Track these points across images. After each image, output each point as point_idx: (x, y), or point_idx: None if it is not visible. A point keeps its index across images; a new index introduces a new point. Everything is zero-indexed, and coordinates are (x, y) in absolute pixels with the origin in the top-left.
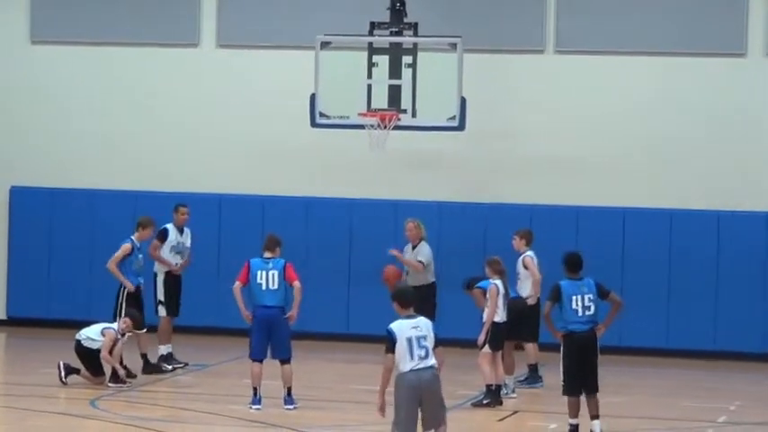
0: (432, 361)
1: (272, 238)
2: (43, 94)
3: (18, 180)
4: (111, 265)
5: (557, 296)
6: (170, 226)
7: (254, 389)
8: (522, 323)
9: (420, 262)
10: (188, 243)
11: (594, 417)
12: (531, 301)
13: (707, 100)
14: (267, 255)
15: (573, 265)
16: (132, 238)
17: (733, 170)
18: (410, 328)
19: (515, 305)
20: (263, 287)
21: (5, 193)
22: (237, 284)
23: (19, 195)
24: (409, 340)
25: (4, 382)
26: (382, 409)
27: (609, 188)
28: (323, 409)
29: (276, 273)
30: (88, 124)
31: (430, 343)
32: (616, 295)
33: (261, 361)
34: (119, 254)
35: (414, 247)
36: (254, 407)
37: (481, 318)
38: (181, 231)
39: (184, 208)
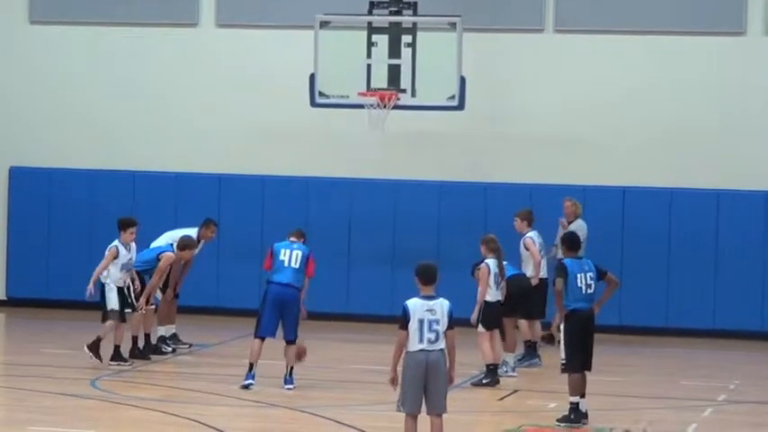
0: (441, 344)
1: (298, 230)
2: (42, 75)
3: (17, 160)
4: (156, 278)
5: (565, 274)
6: (193, 235)
7: (251, 365)
8: (524, 300)
9: None
10: None
11: (582, 395)
12: (533, 282)
13: (706, 78)
14: (293, 239)
15: (573, 244)
16: (175, 251)
17: (732, 149)
18: (424, 310)
19: (517, 282)
20: (285, 263)
21: (4, 173)
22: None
23: (18, 176)
24: (421, 322)
25: (4, 363)
26: (393, 381)
27: (609, 167)
28: (322, 389)
29: (300, 253)
30: (87, 104)
31: (442, 327)
32: (612, 275)
33: (264, 339)
34: (162, 265)
35: (569, 223)
36: (246, 382)
37: (475, 297)
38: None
39: (215, 226)
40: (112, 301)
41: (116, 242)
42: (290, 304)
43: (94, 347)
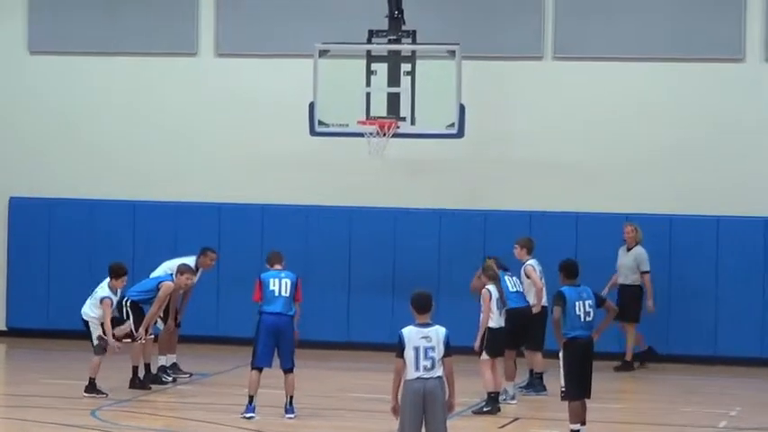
0: (438, 372)
1: (276, 254)
2: (42, 105)
3: (17, 190)
4: (155, 307)
5: (563, 302)
6: (192, 264)
7: (251, 397)
8: (526, 331)
9: (646, 272)
10: None
11: (583, 422)
12: (535, 310)
13: (705, 105)
14: (277, 267)
15: (571, 271)
16: (175, 280)
17: (732, 175)
18: (419, 338)
19: (520, 313)
20: (276, 293)
21: (4, 203)
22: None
23: (18, 206)
24: (416, 350)
25: (5, 393)
26: (394, 411)
27: (608, 194)
28: (322, 418)
29: (289, 281)
30: (86, 134)
31: (438, 354)
32: (611, 303)
33: (261, 369)
34: (161, 295)
35: (629, 249)
36: (247, 414)
37: (477, 324)
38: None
39: (214, 254)
40: (97, 335)
41: (107, 292)
42: (285, 333)
43: (91, 388)
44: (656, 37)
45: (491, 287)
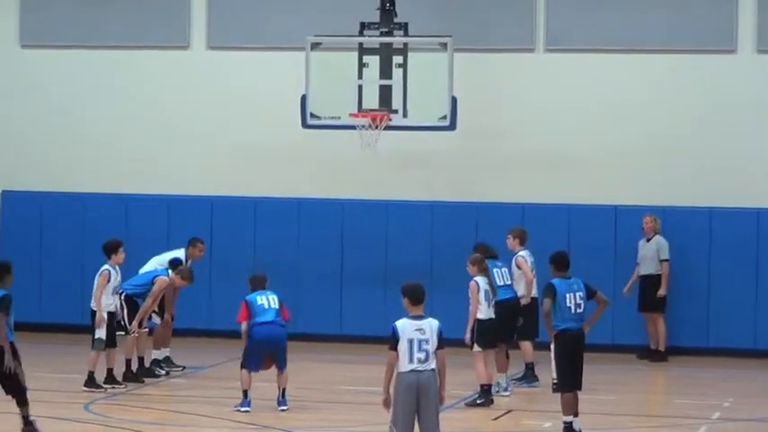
0: (432, 364)
1: (261, 277)
2: (33, 98)
3: (9, 184)
4: (149, 301)
5: (553, 294)
6: (181, 256)
7: (245, 391)
8: (515, 323)
9: (665, 260)
10: None
11: (575, 414)
12: (524, 301)
13: (697, 96)
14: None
15: (562, 264)
16: (171, 276)
17: (724, 166)
18: (413, 330)
19: (507, 304)
20: (266, 306)
21: None
22: (244, 325)
23: (9, 199)
24: (410, 342)
25: None
26: (386, 403)
27: (600, 186)
28: (315, 410)
29: (275, 296)
30: (79, 127)
31: (432, 346)
32: (602, 294)
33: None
34: (156, 289)
35: (648, 240)
36: (242, 408)
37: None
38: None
39: (202, 245)
40: (101, 330)
41: (106, 266)
42: (279, 342)
43: (91, 383)
44: (648, 29)
45: (479, 279)
